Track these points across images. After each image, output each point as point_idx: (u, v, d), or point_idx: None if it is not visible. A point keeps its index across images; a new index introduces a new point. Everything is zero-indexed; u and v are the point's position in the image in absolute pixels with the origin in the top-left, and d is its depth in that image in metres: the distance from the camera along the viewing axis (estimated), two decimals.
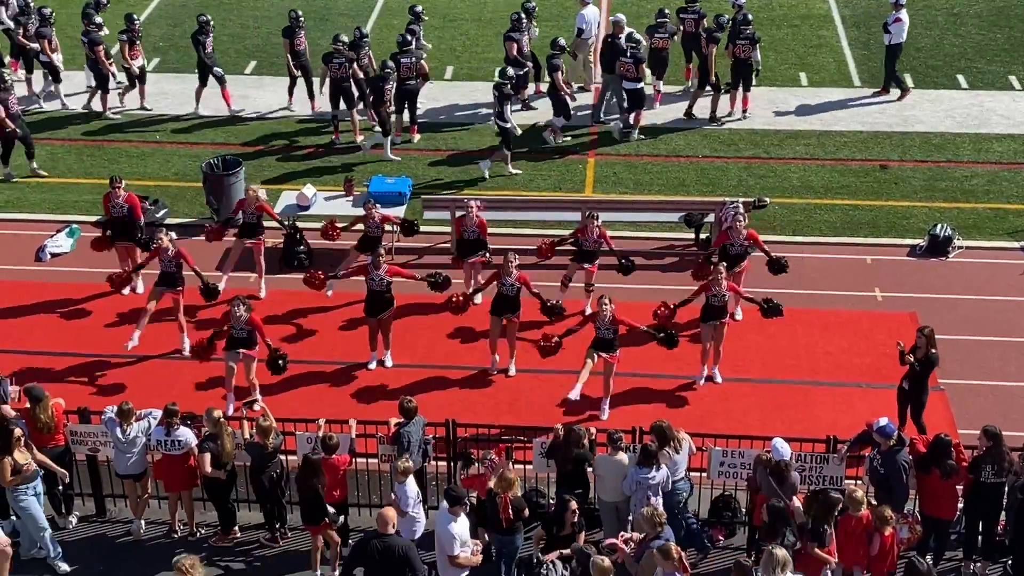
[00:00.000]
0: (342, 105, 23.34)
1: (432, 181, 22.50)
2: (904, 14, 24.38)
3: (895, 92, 25.04)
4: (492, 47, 27.06)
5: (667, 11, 24.57)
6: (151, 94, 24.99)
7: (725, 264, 17.42)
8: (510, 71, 23.05)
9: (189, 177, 22.62)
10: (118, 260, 19.44)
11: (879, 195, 22.15)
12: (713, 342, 17.43)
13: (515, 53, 23.82)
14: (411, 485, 14.08)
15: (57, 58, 24.65)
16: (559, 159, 23.26)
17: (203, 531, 15.32)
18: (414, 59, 23.22)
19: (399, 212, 20.51)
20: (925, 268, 20.20)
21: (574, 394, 16.35)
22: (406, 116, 23.82)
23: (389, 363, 18.06)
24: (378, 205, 19.02)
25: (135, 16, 24.33)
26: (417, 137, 23.80)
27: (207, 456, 14.47)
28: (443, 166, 23.10)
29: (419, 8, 24.81)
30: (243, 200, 19.28)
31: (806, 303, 19.31)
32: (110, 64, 24.05)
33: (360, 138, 23.83)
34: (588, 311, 18.45)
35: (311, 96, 24.33)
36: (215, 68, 24.16)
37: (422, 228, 20.91)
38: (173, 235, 18.08)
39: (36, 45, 24.44)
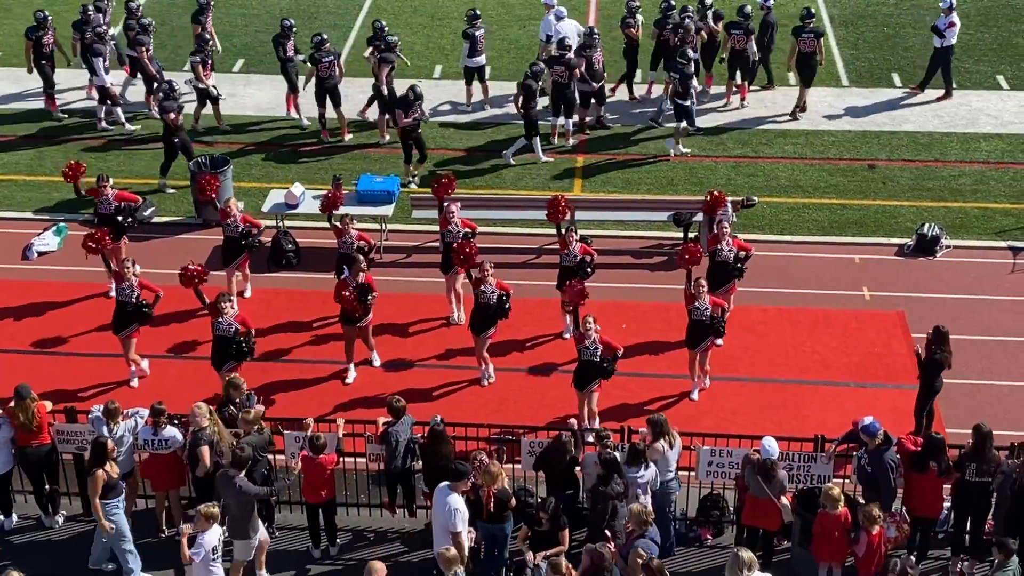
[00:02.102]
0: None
1: (421, 179, 22.46)
2: (956, 17, 24.38)
3: (910, 89, 25.28)
4: None
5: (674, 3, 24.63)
6: (139, 92, 24.91)
7: (711, 286, 17.21)
8: (689, 52, 22.76)
9: (177, 175, 22.55)
10: (101, 259, 19.30)
11: (867, 194, 22.19)
12: (699, 360, 17.36)
13: (583, 69, 23.16)
14: (212, 534, 13.34)
15: (154, 67, 24.27)
16: (548, 158, 23.22)
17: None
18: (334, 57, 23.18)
19: (387, 211, 20.50)
20: (913, 267, 20.23)
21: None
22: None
23: (377, 362, 18.00)
24: (355, 221, 18.67)
25: (208, 36, 23.95)
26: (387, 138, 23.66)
27: (206, 448, 14.41)
28: (432, 164, 23.06)
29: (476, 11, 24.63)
30: (223, 211, 18.91)
31: (794, 302, 19.33)
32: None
33: (348, 136, 23.81)
34: (568, 335, 18.07)
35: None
36: (292, 74, 23.81)
37: (410, 228, 20.94)
38: (138, 268, 17.75)
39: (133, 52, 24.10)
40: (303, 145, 23.76)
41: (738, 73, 24.48)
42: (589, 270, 17.84)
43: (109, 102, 24.02)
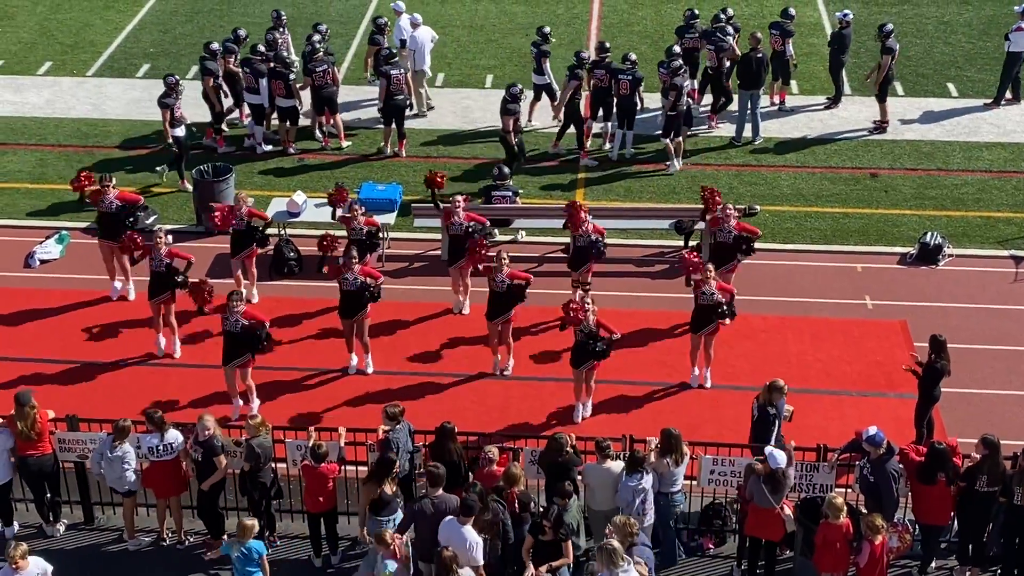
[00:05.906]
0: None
1: (424, 188, 22.42)
2: None
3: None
4: (483, 53, 27.07)
5: (697, 12, 24.71)
6: (141, 100, 24.95)
7: (713, 264, 17.43)
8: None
9: (179, 183, 22.56)
10: (102, 259, 19.39)
11: (869, 203, 22.18)
12: (703, 346, 17.43)
13: (675, 98, 22.42)
14: None
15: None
16: (550, 167, 23.24)
17: (192, 539, 15.26)
18: (403, 71, 23.17)
19: (389, 219, 20.51)
20: (915, 276, 20.22)
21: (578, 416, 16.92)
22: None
23: (370, 370, 17.96)
24: (363, 208, 18.95)
25: (291, 57, 23.67)
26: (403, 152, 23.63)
27: (223, 457, 14.51)
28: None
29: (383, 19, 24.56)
30: (233, 207, 19.05)
31: (796, 311, 19.32)
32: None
33: (346, 143, 23.80)
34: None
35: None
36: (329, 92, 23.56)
37: (412, 236, 20.97)
38: (170, 238, 18.02)
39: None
40: (304, 153, 23.73)
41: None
42: (603, 248, 18.47)
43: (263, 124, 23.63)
